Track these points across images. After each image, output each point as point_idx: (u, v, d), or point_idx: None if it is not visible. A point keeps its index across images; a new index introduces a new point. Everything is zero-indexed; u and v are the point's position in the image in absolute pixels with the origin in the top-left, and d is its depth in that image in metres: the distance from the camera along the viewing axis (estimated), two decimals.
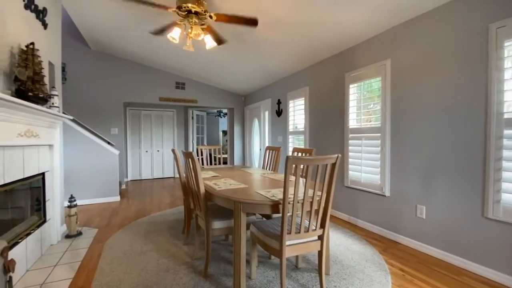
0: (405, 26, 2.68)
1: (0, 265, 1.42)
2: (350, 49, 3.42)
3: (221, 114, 10.14)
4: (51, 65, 2.78)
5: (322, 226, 1.71)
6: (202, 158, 3.81)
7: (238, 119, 7.17)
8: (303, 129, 4.45)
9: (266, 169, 3.42)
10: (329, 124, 3.81)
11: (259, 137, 6.30)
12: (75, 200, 2.89)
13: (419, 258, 2.36)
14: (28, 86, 2.01)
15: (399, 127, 2.76)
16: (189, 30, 2.25)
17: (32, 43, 2.10)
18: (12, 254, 1.78)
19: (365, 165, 3.14)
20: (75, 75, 5.16)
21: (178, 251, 2.47)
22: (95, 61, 5.38)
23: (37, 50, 2.15)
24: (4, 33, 1.87)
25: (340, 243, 2.69)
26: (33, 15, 2.37)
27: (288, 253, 1.61)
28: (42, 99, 2.20)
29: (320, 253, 1.74)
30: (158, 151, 7.11)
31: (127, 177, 6.71)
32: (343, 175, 3.48)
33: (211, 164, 9.34)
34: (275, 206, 1.63)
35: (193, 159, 1.93)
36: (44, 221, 2.51)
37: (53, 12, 2.86)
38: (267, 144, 5.86)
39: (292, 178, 1.75)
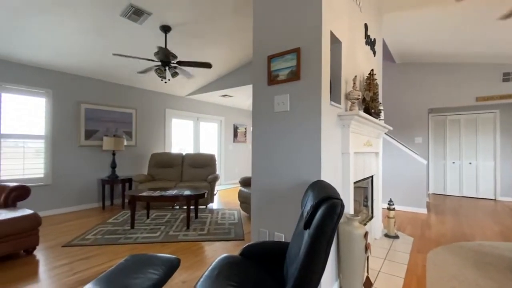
0: None
1: (363, 245, 1.84)
2: None
3: None
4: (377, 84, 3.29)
5: None
6: None
7: None
8: None
9: None
10: None
11: None
12: (393, 204, 3.13)
13: None
14: (370, 105, 2.50)
15: None
16: None
17: (372, 70, 2.59)
18: None
19: None
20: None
21: None
22: (398, 73, 5.64)
23: (375, 74, 2.62)
24: (357, 68, 2.49)
25: None
26: (368, 47, 2.94)
27: None
28: (377, 114, 2.63)
29: None
30: (470, 163, 5.79)
31: (428, 190, 6.22)
32: None
33: None
34: None
35: None
36: (372, 217, 2.98)
37: (378, 41, 3.37)
38: None
39: None
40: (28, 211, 2.58)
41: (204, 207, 4.60)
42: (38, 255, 2.58)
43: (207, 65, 3.52)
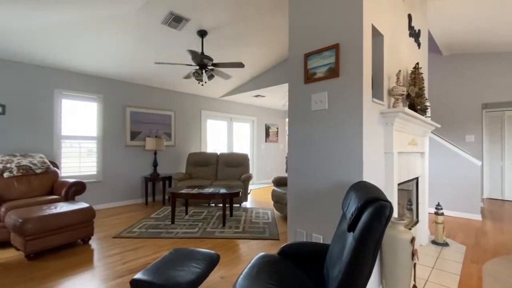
0: None
1: (410, 251, 1.72)
2: None
3: None
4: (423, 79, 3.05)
5: None
6: None
7: None
8: None
9: None
10: None
11: None
12: (441, 209, 2.88)
13: None
14: (415, 101, 2.33)
15: None
16: None
17: (417, 63, 2.41)
18: None
19: None
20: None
21: None
22: (446, 66, 5.17)
23: (420, 68, 2.44)
24: (400, 62, 2.34)
25: None
26: (412, 39, 2.74)
27: None
28: (423, 111, 2.44)
29: None
30: None
31: (482, 194, 5.59)
32: None
33: None
34: None
35: None
36: (417, 221, 2.77)
37: (423, 31, 3.13)
38: None
39: None
40: (85, 204, 2.88)
41: (238, 205, 4.68)
42: (93, 244, 2.86)
43: (240, 65, 3.58)
